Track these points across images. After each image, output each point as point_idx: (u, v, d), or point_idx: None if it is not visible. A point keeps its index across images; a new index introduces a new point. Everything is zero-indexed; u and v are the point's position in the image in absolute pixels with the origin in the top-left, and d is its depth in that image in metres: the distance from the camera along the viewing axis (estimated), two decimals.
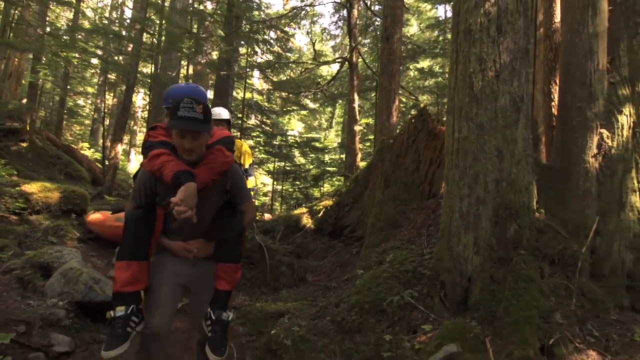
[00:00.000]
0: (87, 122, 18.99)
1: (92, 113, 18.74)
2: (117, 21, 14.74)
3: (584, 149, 2.89)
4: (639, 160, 2.85)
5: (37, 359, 2.30)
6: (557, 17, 4.19)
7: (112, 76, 12.11)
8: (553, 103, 4.13)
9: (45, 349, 2.37)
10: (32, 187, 5.05)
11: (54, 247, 3.61)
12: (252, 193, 3.76)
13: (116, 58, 11.81)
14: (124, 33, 12.21)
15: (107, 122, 18.80)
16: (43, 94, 12.78)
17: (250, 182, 3.77)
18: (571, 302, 2.50)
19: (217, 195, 1.82)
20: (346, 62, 10.62)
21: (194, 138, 1.67)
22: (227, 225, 1.82)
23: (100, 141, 19.16)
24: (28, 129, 10.25)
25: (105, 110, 13.46)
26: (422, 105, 5.02)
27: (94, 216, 4.58)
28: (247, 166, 3.77)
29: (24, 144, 10.06)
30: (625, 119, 2.90)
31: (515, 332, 2.30)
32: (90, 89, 17.64)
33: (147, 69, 15.22)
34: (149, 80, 12.51)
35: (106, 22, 14.19)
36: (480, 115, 2.87)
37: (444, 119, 3.97)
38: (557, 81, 3.86)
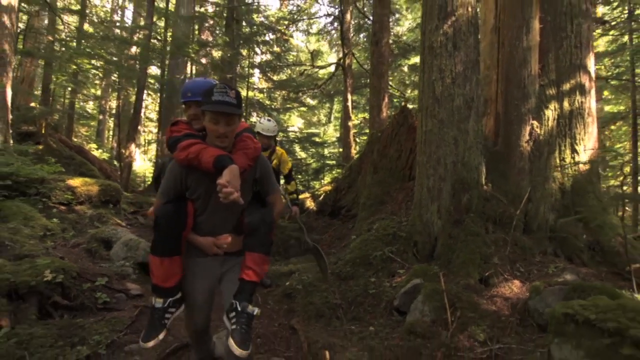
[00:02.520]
0: (92, 123, 19.77)
1: (98, 115, 19.55)
2: (117, 23, 15.47)
3: (520, 136, 3.77)
4: (560, 144, 3.73)
5: (121, 297, 3.21)
6: None
7: (115, 78, 12.84)
8: None
9: (125, 292, 3.29)
10: (75, 182, 5.93)
11: (110, 227, 4.50)
12: (295, 196, 4.34)
13: (123, 62, 12.61)
14: (125, 35, 12.98)
15: (111, 122, 19.62)
16: (53, 97, 13.57)
17: (292, 186, 4.32)
18: (506, 249, 3.41)
19: (247, 185, 1.79)
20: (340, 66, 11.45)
21: (227, 123, 1.65)
22: (258, 215, 1.79)
23: (107, 142, 20.01)
24: (43, 132, 11.14)
25: (116, 112, 14.28)
26: (403, 103, 5.88)
27: (151, 209, 5.49)
28: (286, 172, 4.16)
29: (40, 147, 10.96)
30: (551, 112, 3.78)
31: (462, 269, 3.21)
32: (93, 91, 18.42)
33: (149, 70, 16.01)
34: (151, 82, 13.31)
35: (107, 25, 14.90)
36: (440, 113, 3.75)
37: None
38: None
